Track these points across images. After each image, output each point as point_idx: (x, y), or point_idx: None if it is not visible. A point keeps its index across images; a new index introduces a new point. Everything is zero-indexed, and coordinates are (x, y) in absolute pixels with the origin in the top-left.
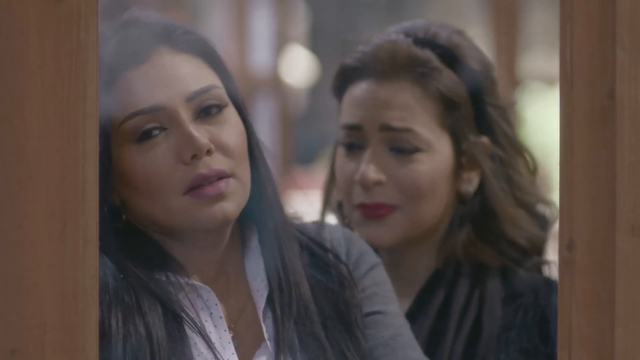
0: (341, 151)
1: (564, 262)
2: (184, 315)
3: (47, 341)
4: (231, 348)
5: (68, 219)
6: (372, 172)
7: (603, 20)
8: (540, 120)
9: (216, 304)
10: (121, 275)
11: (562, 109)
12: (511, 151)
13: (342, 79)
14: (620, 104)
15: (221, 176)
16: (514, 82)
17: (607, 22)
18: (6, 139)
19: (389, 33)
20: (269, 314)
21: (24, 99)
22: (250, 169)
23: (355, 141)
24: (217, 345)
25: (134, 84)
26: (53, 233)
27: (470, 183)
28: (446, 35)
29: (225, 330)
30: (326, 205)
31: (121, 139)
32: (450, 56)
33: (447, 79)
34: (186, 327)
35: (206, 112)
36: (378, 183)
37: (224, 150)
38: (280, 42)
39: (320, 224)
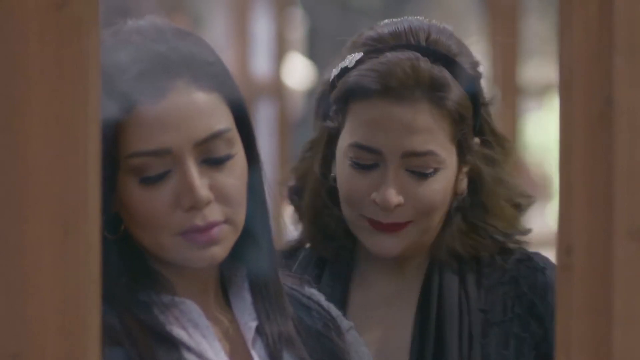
0: (347, 165)
1: (562, 267)
2: (168, 334)
3: (49, 346)
4: (224, 357)
5: (70, 224)
6: (393, 195)
7: (601, 26)
8: (540, 126)
9: (200, 315)
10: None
11: (561, 115)
12: (497, 148)
13: (350, 94)
14: (618, 109)
15: (215, 225)
16: (513, 90)
17: (606, 28)
18: (7, 144)
19: (397, 47)
20: (259, 342)
21: (25, 105)
22: (247, 205)
23: (368, 162)
24: (209, 354)
25: (147, 121)
26: (55, 238)
27: (463, 182)
28: (444, 41)
29: (214, 340)
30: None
31: (125, 170)
32: (457, 68)
33: (458, 96)
34: (180, 348)
35: (214, 158)
36: (398, 205)
37: (223, 199)
38: (280, 47)
39: (301, 281)
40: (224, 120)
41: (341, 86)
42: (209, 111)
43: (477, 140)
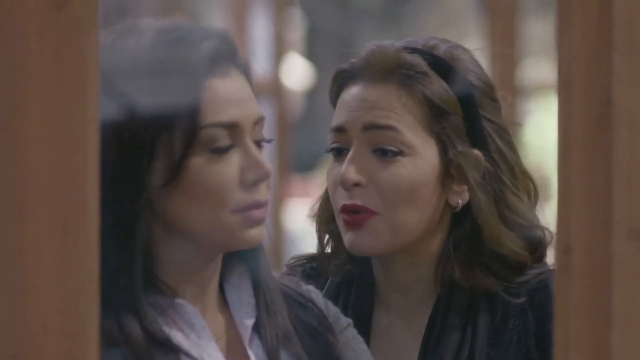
0: (331, 158)
1: (561, 267)
2: (164, 336)
3: (49, 346)
4: (220, 358)
5: (70, 224)
6: (351, 172)
7: (600, 26)
8: (539, 126)
9: (197, 316)
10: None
11: (560, 115)
12: (505, 169)
13: (336, 86)
14: (618, 109)
15: (266, 204)
16: (512, 90)
17: (605, 28)
18: (7, 144)
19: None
20: (256, 341)
21: (25, 105)
22: None
23: (341, 145)
24: (205, 356)
25: (219, 93)
26: (55, 238)
27: (460, 196)
28: (445, 48)
29: (211, 341)
30: (320, 217)
31: (196, 143)
32: (443, 65)
33: (435, 85)
34: (176, 350)
35: (261, 139)
36: (357, 184)
37: (267, 181)
38: (279, 48)
39: (298, 279)
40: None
41: (329, 84)
42: (253, 95)
43: (477, 152)
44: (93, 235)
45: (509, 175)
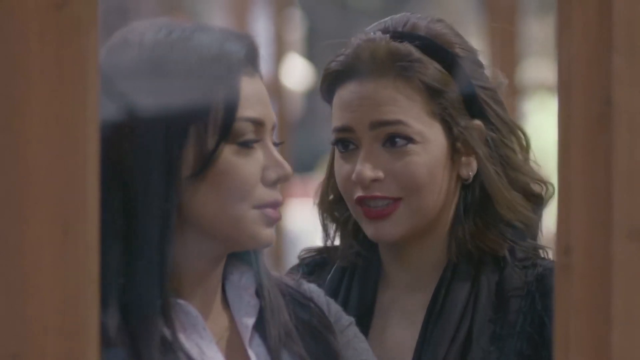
0: (337, 153)
1: (561, 267)
2: (165, 336)
3: (49, 346)
4: (220, 358)
5: (70, 224)
6: (368, 170)
7: (601, 26)
8: (539, 127)
9: (198, 317)
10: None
11: (560, 115)
12: (504, 131)
13: (328, 84)
14: (618, 109)
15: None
16: (514, 91)
17: (604, 28)
18: (7, 144)
19: (368, 32)
20: (257, 340)
21: (25, 105)
22: None
23: (348, 141)
24: (205, 357)
25: (249, 90)
26: (55, 238)
27: (470, 167)
28: (425, 25)
29: (211, 341)
30: (322, 204)
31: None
32: (431, 45)
33: (429, 69)
34: (176, 351)
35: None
36: (376, 180)
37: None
38: (279, 48)
39: (298, 279)
40: None
41: (320, 82)
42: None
43: (477, 122)
44: (93, 235)
45: (508, 136)
